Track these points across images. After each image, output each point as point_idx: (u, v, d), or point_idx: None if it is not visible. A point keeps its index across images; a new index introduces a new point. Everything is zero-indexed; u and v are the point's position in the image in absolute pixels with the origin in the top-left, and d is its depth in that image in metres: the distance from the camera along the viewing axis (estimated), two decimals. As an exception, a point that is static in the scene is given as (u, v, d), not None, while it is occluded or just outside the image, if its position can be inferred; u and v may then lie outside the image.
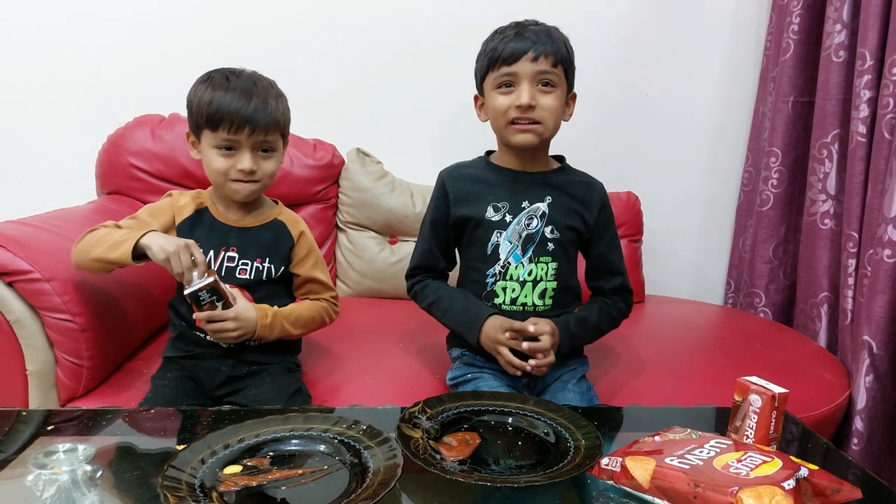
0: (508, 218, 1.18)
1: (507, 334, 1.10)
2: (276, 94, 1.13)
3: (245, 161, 1.09)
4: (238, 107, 1.06)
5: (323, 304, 1.23)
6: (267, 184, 1.16)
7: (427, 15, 1.88)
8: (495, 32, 1.16)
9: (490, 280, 1.19)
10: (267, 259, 1.17)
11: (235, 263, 1.16)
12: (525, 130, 1.14)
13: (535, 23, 1.16)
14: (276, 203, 1.24)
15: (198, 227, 1.16)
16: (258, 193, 1.17)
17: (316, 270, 1.23)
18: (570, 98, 1.19)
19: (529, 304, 1.19)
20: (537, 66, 1.10)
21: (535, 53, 1.10)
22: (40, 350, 1.15)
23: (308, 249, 1.22)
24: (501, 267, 1.18)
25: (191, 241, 1.06)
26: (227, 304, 1.08)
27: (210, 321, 1.07)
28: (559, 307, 1.20)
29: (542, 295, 1.19)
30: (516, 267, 1.18)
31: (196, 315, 1.08)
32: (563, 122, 1.18)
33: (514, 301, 1.19)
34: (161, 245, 1.03)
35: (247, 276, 1.16)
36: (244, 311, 1.09)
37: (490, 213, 1.19)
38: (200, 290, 1.05)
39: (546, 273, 1.18)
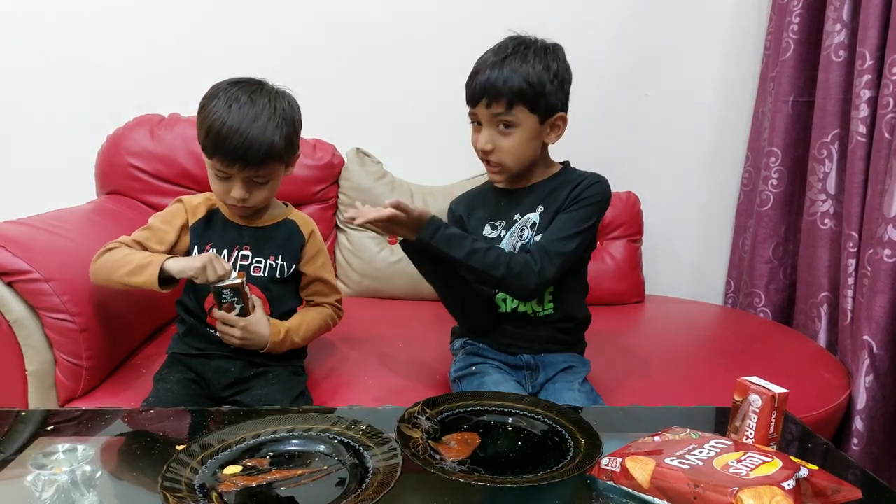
0: (503, 234, 1.19)
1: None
2: (279, 123, 1.08)
3: (237, 191, 1.10)
4: (231, 144, 1.04)
5: (329, 311, 1.24)
6: (264, 204, 1.17)
7: (427, 15, 1.88)
8: (477, 60, 1.15)
9: (492, 293, 1.21)
10: (280, 257, 1.18)
11: (249, 261, 1.17)
12: (494, 171, 1.17)
13: (514, 49, 1.10)
14: (286, 205, 1.25)
15: (210, 227, 1.17)
16: (257, 212, 1.18)
17: (323, 271, 1.24)
18: (555, 120, 1.14)
19: (530, 311, 1.19)
20: (492, 110, 1.11)
21: (487, 99, 1.10)
22: (39, 350, 1.15)
23: (318, 249, 1.23)
24: None
25: (211, 254, 1.09)
26: (245, 312, 1.10)
27: (223, 322, 1.10)
28: (562, 308, 1.19)
29: (541, 301, 1.19)
30: None
31: (213, 311, 1.10)
32: (549, 143, 1.17)
33: (514, 310, 1.19)
34: (189, 265, 1.06)
35: (261, 274, 1.17)
36: (256, 324, 1.11)
37: (487, 231, 1.20)
38: (225, 287, 1.07)
39: None
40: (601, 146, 1.92)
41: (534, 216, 1.18)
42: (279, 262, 1.18)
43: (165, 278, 1.06)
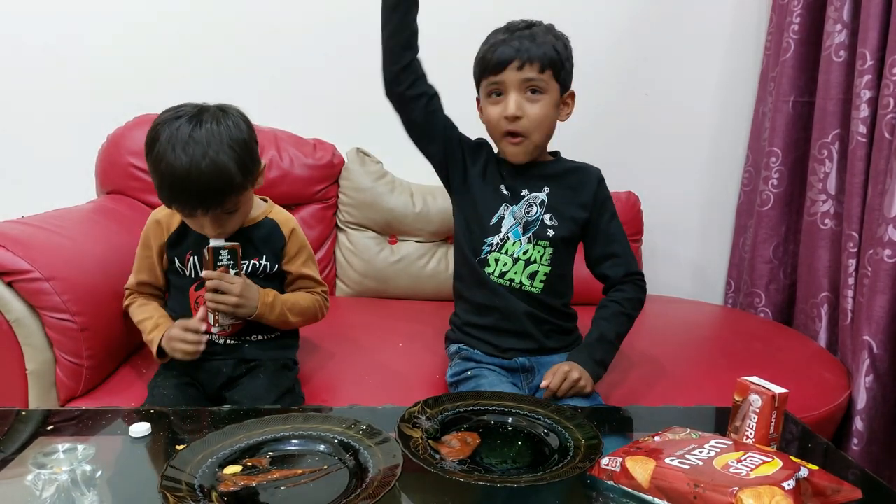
0: (510, 204, 1.19)
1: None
2: (227, 150, 1.00)
3: (209, 229, 1.08)
4: (186, 192, 1.01)
5: (317, 298, 1.24)
6: (241, 225, 1.15)
7: (427, 14, 1.87)
8: (487, 37, 1.17)
9: (486, 248, 1.20)
10: (263, 256, 1.18)
11: None
12: (515, 143, 1.15)
13: (529, 24, 1.15)
14: (266, 201, 1.24)
15: (187, 237, 1.15)
16: None
17: (306, 267, 1.23)
18: (567, 97, 1.18)
19: (517, 281, 1.19)
20: (523, 73, 1.10)
21: (520, 61, 1.10)
22: (40, 350, 1.15)
23: (299, 247, 1.22)
24: (500, 239, 1.19)
25: (181, 322, 1.10)
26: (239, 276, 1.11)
27: (216, 290, 1.08)
28: (550, 293, 1.20)
29: (533, 276, 1.19)
30: (514, 243, 1.19)
31: (206, 273, 1.09)
32: (560, 122, 1.19)
33: (503, 275, 1.19)
34: (178, 349, 1.09)
35: (246, 272, 1.15)
36: (249, 287, 1.11)
37: (490, 194, 1.21)
38: (223, 247, 1.08)
39: (542, 256, 1.19)
40: (601, 146, 1.92)
41: (542, 195, 1.19)
42: (262, 261, 1.17)
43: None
